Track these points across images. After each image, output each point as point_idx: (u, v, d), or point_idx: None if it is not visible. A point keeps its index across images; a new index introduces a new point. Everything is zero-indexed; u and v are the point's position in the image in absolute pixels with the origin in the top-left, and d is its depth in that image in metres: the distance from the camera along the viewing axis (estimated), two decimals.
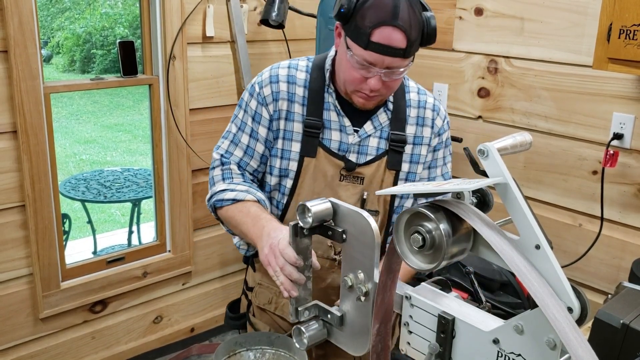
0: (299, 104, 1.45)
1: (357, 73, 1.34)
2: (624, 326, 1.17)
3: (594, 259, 2.29)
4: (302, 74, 1.47)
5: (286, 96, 1.45)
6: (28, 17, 2.12)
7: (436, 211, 0.75)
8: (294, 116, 1.45)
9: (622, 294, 1.32)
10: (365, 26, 1.27)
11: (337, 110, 1.45)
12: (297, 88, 1.46)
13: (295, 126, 1.45)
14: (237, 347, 1.33)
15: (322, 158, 1.44)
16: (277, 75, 1.46)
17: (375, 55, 1.29)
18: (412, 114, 1.50)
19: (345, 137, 1.45)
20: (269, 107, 1.45)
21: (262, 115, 1.46)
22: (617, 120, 2.17)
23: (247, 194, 1.43)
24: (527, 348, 0.70)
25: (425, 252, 0.76)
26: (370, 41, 1.28)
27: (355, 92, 1.39)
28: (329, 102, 1.46)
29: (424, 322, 0.82)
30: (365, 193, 1.46)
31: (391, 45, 1.27)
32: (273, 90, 1.45)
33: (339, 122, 1.45)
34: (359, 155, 1.46)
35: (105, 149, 7.97)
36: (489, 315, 0.79)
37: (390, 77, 1.34)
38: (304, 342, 0.93)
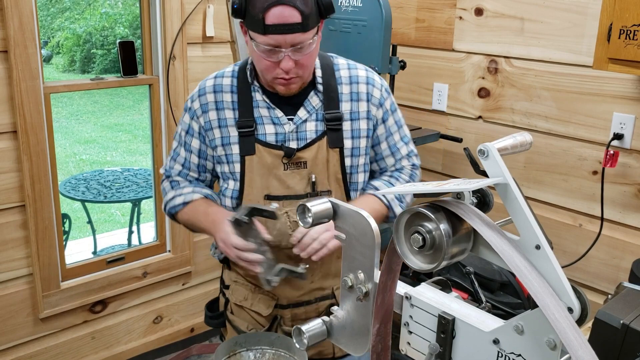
0: (229, 109, 1.50)
1: (267, 60, 1.38)
2: (624, 326, 1.17)
3: (594, 259, 2.29)
4: (227, 79, 1.52)
5: (214, 106, 1.51)
6: (28, 17, 2.12)
7: (436, 211, 0.75)
8: (227, 122, 1.50)
9: (622, 294, 1.32)
10: (257, 13, 1.31)
11: (267, 104, 1.49)
12: (224, 95, 1.51)
13: (230, 131, 1.50)
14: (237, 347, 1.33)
15: (261, 153, 1.48)
16: (205, 88, 1.53)
17: (275, 37, 1.32)
18: (345, 91, 1.52)
19: (281, 128, 1.49)
20: (200, 119, 1.52)
21: (193, 128, 1.54)
22: (617, 121, 2.17)
23: (194, 194, 1.55)
24: (528, 348, 0.70)
25: (425, 252, 0.76)
26: (265, 25, 1.31)
27: (274, 80, 1.42)
28: (257, 100, 1.50)
29: (424, 322, 0.82)
30: (313, 176, 1.48)
31: (286, 22, 1.31)
32: (201, 102, 1.52)
33: (270, 116, 1.49)
34: (298, 141, 1.49)
35: (105, 149, 7.98)
36: (489, 315, 0.79)
37: (299, 54, 1.37)
38: (304, 342, 0.93)
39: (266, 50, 1.35)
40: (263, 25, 1.32)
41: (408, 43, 2.82)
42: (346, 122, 1.51)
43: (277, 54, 1.36)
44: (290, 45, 1.34)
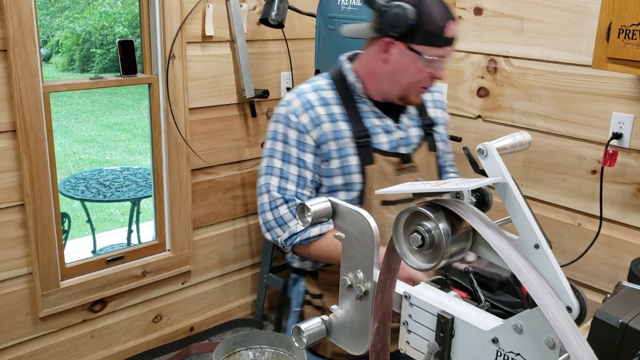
0: (341, 121, 1.53)
1: (428, 70, 1.47)
2: (623, 325, 1.17)
3: (593, 258, 2.30)
4: (329, 92, 1.56)
5: (327, 119, 1.52)
6: (27, 16, 2.12)
7: (435, 210, 0.75)
8: (342, 134, 1.52)
9: (621, 294, 1.32)
10: (437, 28, 1.42)
11: (376, 114, 1.57)
12: (333, 107, 1.54)
13: (345, 143, 1.53)
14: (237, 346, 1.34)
15: (380, 162, 1.55)
16: (310, 101, 1.53)
17: (447, 48, 1.46)
18: (428, 98, 1.68)
19: (392, 135, 1.58)
20: (312, 133, 1.51)
21: (306, 143, 1.52)
22: (616, 120, 2.17)
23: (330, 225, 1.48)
24: (526, 347, 0.70)
25: (424, 252, 0.77)
26: (444, 37, 1.44)
27: (417, 90, 1.53)
28: (365, 111, 1.56)
29: (423, 321, 0.82)
30: (420, 178, 1.60)
31: (454, 35, 1.46)
32: (311, 116, 1.51)
33: (381, 125, 1.57)
34: (407, 147, 1.60)
35: (105, 148, 7.97)
36: (488, 314, 0.79)
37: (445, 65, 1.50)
38: (303, 342, 0.93)
39: (433, 62, 1.45)
40: (442, 38, 1.43)
41: None
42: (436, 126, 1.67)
43: (438, 64, 1.47)
44: (449, 56, 1.48)
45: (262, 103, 2.94)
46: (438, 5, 1.43)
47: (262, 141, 2.99)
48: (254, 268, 3.15)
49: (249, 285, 3.17)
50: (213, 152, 2.80)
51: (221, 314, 3.09)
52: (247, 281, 3.15)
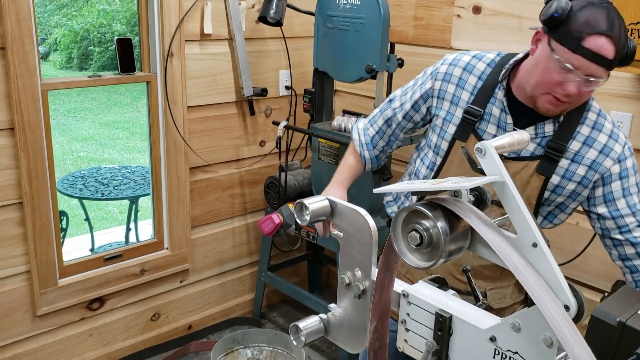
0: (467, 91, 1.54)
1: (557, 76, 1.36)
2: (621, 324, 1.18)
3: (591, 257, 2.30)
4: (483, 65, 1.55)
5: (456, 81, 1.56)
6: (25, 14, 2.12)
7: (434, 209, 0.75)
8: (459, 101, 1.55)
9: (619, 292, 1.32)
10: (579, 32, 1.31)
11: (502, 107, 1.50)
12: (471, 77, 1.55)
13: (457, 110, 1.55)
14: (235, 344, 1.34)
15: (472, 145, 1.45)
16: (460, 60, 1.58)
17: (583, 60, 1.32)
18: (584, 132, 1.48)
19: (502, 133, 1.48)
20: (437, 82, 1.59)
21: (425, 85, 1.62)
22: (615, 119, 2.17)
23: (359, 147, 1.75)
24: (524, 346, 0.70)
25: (422, 250, 0.77)
26: (581, 46, 1.31)
27: (544, 95, 1.41)
28: (496, 97, 1.51)
29: (421, 319, 0.82)
30: None
31: (601, 53, 1.31)
32: (448, 72, 1.58)
33: (499, 118, 1.51)
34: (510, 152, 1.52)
35: (103, 146, 7.96)
36: (486, 313, 0.79)
37: (588, 86, 1.36)
38: (302, 340, 0.93)
39: (563, 68, 1.34)
40: (578, 45, 1.31)
41: (406, 41, 2.82)
42: (566, 160, 1.48)
43: (570, 75, 1.35)
44: (586, 75, 1.34)
45: (260, 101, 2.93)
46: (602, 16, 1.32)
47: (260, 139, 2.99)
48: (252, 266, 3.15)
49: (247, 284, 3.17)
50: (211, 151, 2.80)
51: (219, 312, 3.09)
52: (245, 279, 3.15)
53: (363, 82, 2.55)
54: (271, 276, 3.01)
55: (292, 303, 3.28)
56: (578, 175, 1.48)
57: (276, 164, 3.00)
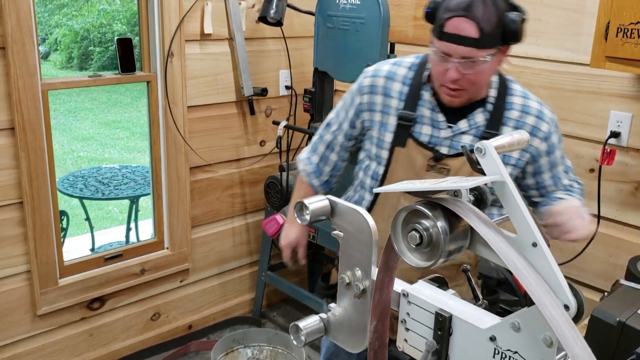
0: (395, 98, 1.57)
1: (439, 66, 1.44)
2: (620, 324, 1.18)
3: (591, 256, 2.30)
4: (404, 70, 1.59)
5: (382, 91, 1.58)
6: (26, 13, 2.12)
7: (433, 209, 0.75)
8: (390, 110, 1.57)
9: (619, 292, 1.32)
10: (441, 19, 1.39)
11: (432, 106, 1.54)
12: (395, 84, 1.58)
13: (390, 118, 1.57)
14: (235, 344, 1.34)
15: (411, 148, 1.54)
16: (380, 70, 1.61)
17: (448, 45, 1.39)
18: (513, 116, 1.55)
19: (437, 132, 1.54)
20: (364, 97, 1.61)
21: (353, 101, 1.64)
22: (615, 119, 2.17)
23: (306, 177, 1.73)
24: (524, 345, 0.71)
25: (422, 250, 0.77)
26: (443, 32, 1.39)
27: (441, 88, 1.49)
28: (424, 100, 1.55)
29: (421, 319, 0.82)
30: None
31: (461, 34, 1.37)
32: (372, 84, 1.61)
33: (431, 118, 1.54)
34: (449, 149, 1.54)
35: (103, 146, 7.96)
36: (485, 312, 0.79)
37: (467, 68, 1.40)
38: (302, 340, 0.93)
39: (439, 57, 1.42)
40: (441, 31, 1.39)
41: (406, 41, 2.82)
42: None
43: (447, 62, 1.41)
44: (459, 57, 1.39)
45: (260, 101, 2.94)
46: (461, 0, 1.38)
47: (260, 139, 2.99)
48: (252, 266, 3.15)
49: (248, 283, 3.17)
50: (211, 150, 2.80)
51: (220, 312, 3.09)
52: (245, 279, 3.16)
53: None
54: (271, 276, 3.01)
55: (292, 303, 3.28)
56: (513, 159, 1.56)
57: (276, 163, 3.00)
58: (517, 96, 1.57)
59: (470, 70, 1.41)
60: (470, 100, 1.52)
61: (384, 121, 1.58)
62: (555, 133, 1.60)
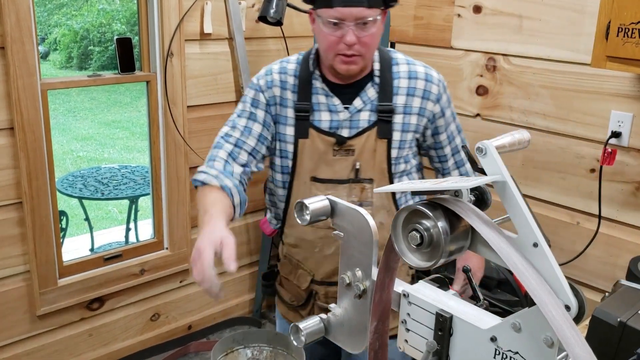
0: (291, 91, 1.59)
1: (332, 36, 1.47)
2: (621, 324, 1.17)
3: (592, 257, 2.30)
4: (292, 65, 1.62)
5: (279, 84, 1.60)
6: (25, 13, 2.12)
7: (434, 209, 0.75)
8: (287, 102, 1.59)
9: (620, 292, 1.32)
10: None
11: (325, 92, 1.58)
12: (288, 77, 1.61)
13: (288, 111, 1.59)
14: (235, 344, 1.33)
15: (314, 138, 1.57)
16: (271, 69, 1.64)
17: (340, 9, 1.43)
18: (402, 85, 1.60)
19: (336, 115, 1.57)
20: (265, 93, 1.61)
21: (259, 100, 1.62)
22: (615, 119, 2.17)
23: (214, 179, 1.53)
24: (525, 346, 0.70)
25: (423, 250, 0.76)
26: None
27: (336, 58, 1.50)
28: (316, 87, 1.58)
29: (422, 319, 0.82)
30: (358, 163, 1.57)
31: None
32: (267, 80, 1.62)
33: (327, 103, 1.58)
34: (350, 129, 1.57)
35: (103, 145, 7.96)
36: (486, 313, 0.79)
37: (361, 30, 1.45)
38: (302, 340, 0.93)
39: (331, 24, 1.45)
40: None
41: (406, 40, 2.82)
42: (398, 115, 1.59)
43: (342, 28, 1.45)
44: (354, 19, 1.43)
45: None
46: None
47: None
48: (252, 266, 3.15)
49: (247, 284, 3.17)
50: None
51: (219, 312, 3.09)
52: (245, 279, 3.15)
53: None
54: None
55: None
56: (412, 125, 1.61)
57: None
58: (402, 64, 1.62)
59: (365, 32, 1.46)
60: (362, 71, 1.56)
61: (283, 114, 1.60)
62: (444, 93, 1.65)
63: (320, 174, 1.58)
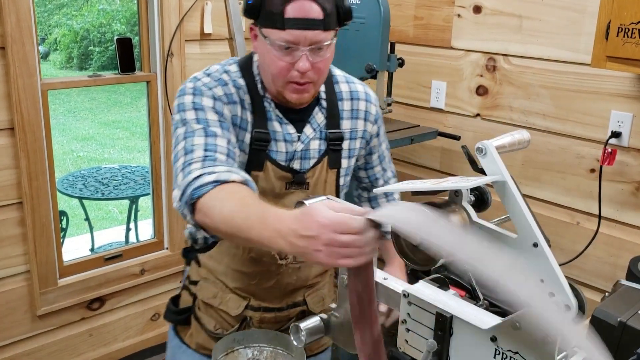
0: (249, 111, 1.35)
1: (283, 61, 1.26)
2: (621, 324, 1.17)
3: (592, 257, 2.30)
4: (241, 80, 1.36)
5: (237, 100, 1.34)
6: (25, 13, 2.12)
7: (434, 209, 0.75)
8: (246, 124, 1.34)
9: (620, 292, 1.32)
10: (277, 6, 1.22)
11: (279, 119, 1.37)
12: (244, 94, 1.35)
13: (245, 136, 1.34)
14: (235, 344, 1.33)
15: (269, 171, 1.36)
16: (221, 79, 1.34)
17: (294, 32, 1.23)
18: (346, 107, 1.45)
19: (291, 146, 1.38)
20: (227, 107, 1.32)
21: (224, 112, 1.31)
22: (615, 119, 2.17)
23: (231, 174, 1.17)
24: (525, 346, 0.70)
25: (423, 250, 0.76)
26: (285, 19, 1.22)
27: (286, 86, 1.30)
28: (269, 112, 1.36)
29: (422, 319, 0.82)
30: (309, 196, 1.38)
31: (307, 17, 1.22)
32: (225, 92, 1.32)
33: (282, 132, 1.37)
34: (302, 160, 1.39)
35: (103, 146, 7.96)
36: (486, 313, 0.79)
37: (316, 55, 1.26)
38: (302, 340, 0.93)
39: (283, 48, 1.24)
40: (282, 20, 1.22)
41: (406, 41, 2.82)
42: (345, 141, 1.45)
43: (294, 53, 1.25)
44: (309, 44, 1.24)
45: None
46: None
47: None
48: None
49: None
50: None
51: None
52: None
53: (363, 81, 2.54)
54: None
55: None
56: (357, 150, 1.48)
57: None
58: (342, 82, 1.47)
59: (319, 57, 1.27)
60: (314, 95, 1.37)
61: (241, 139, 1.33)
62: (379, 112, 1.53)
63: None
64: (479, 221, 0.76)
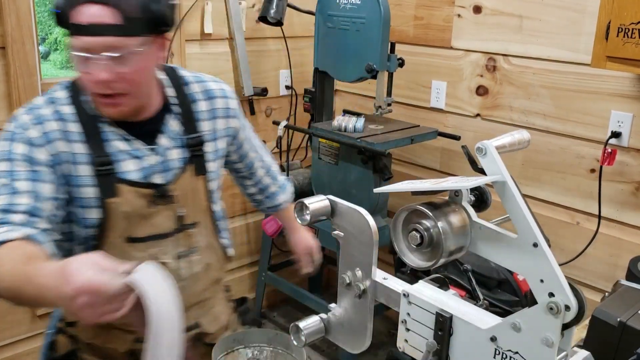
0: (79, 142, 1.24)
1: (83, 72, 1.18)
2: (621, 324, 1.17)
3: (592, 257, 2.30)
4: (67, 107, 1.26)
5: (62, 136, 1.23)
6: (26, 13, 2.12)
7: (434, 209, 0.75)
8: (78, 158, 1.24)
9: (620, 292, 1.32)
10: (69, 13, 1.14)
11: (121, 136, 1.27)
12: (70, 125, 1.24)
13: (82, 170, 1.24)
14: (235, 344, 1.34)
15: (127, 194, 1.27)
16: (42, 116, 1.23)
17: (83, 39, 1.13)
18: (203, 107, 1.39)
19: (144, 161, 1.29)
20: (45, 148, 1.21)
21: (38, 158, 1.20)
22: (615, 119, 2.17)
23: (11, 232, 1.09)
24: (525, 346, 0.70)
25: (423, 250, 0.77)
26: (75, 25, 1.14)
27: (96, 99, 1.22)
28: (106, 132, 1.26)
29: (422, 319, 0.82)
30: (181, 210, 1.33)
31: (99, 22, 1.12)
32: (44, 131, 1.22)
33: (129, 150, 1.28)
34: (163, 174, 1.32)
35: None
36: (486, 312, 0.79)
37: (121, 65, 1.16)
38: (302, 340, 0.93)
39: (78, 58, 1.15)
40: (74, 25, 1.14)
41: (406, 41, 2.82)
42: (208, 143, 1.39)
43: (89, 63, 1.15)
44: (103, 50, 1.13)
45: (260, 101, 2.93)
46: None
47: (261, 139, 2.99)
48: (252, 266, 3.14)
49: (248, 284, 3.17)
50: None
51: None
52: (245, 279, 3.15)
53: (363, 81, 2.54)
54: (271, 276, 3.01)
55: (292, 303, 3.27)
56: (222, 150, 1.44)
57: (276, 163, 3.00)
58: (192, 83, 1.39)
59: (124, 66, 1.16)
60: (144, 108, 1.28)
61: (75, 174, 1.24)
62: (238, 105, 1.49)
63: (138, 232, 1.28)
64: (479, 221, 0.76)
